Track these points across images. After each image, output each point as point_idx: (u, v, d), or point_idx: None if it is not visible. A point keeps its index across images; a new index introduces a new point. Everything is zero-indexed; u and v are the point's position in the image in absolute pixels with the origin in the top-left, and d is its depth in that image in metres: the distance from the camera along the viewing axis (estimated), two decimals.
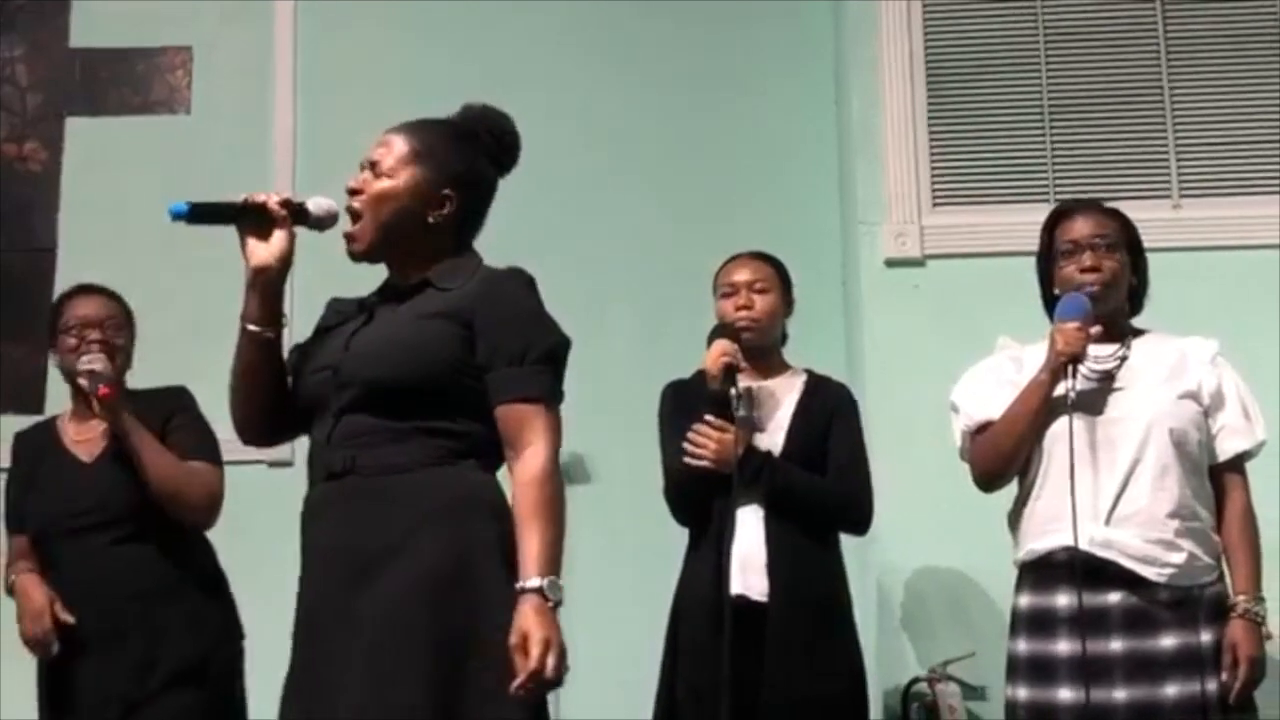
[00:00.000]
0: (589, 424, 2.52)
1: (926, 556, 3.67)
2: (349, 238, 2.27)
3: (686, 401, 3.09)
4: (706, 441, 2.98)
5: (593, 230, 4.25)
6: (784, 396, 3.12)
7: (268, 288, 2.20)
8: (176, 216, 2.13)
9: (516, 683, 1.99)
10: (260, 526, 3.03)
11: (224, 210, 2.19)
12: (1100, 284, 2.78)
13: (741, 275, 3.16)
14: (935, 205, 3.98)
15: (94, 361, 2.90)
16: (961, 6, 4.08)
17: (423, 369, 2.15)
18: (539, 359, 2.18)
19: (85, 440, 3.02)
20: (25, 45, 4.48)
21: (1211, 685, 2.62)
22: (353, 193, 2.26)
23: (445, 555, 2.08)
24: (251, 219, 2.19)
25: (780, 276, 3.20)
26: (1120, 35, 4.03)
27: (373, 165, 2.27)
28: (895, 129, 4.00)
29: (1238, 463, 2.79)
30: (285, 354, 2.30)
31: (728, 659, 2.74)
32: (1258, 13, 4.00)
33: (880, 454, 3.23)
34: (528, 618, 2.01)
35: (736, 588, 2.89)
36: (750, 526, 2.97)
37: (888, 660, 3.56)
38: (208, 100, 4.42)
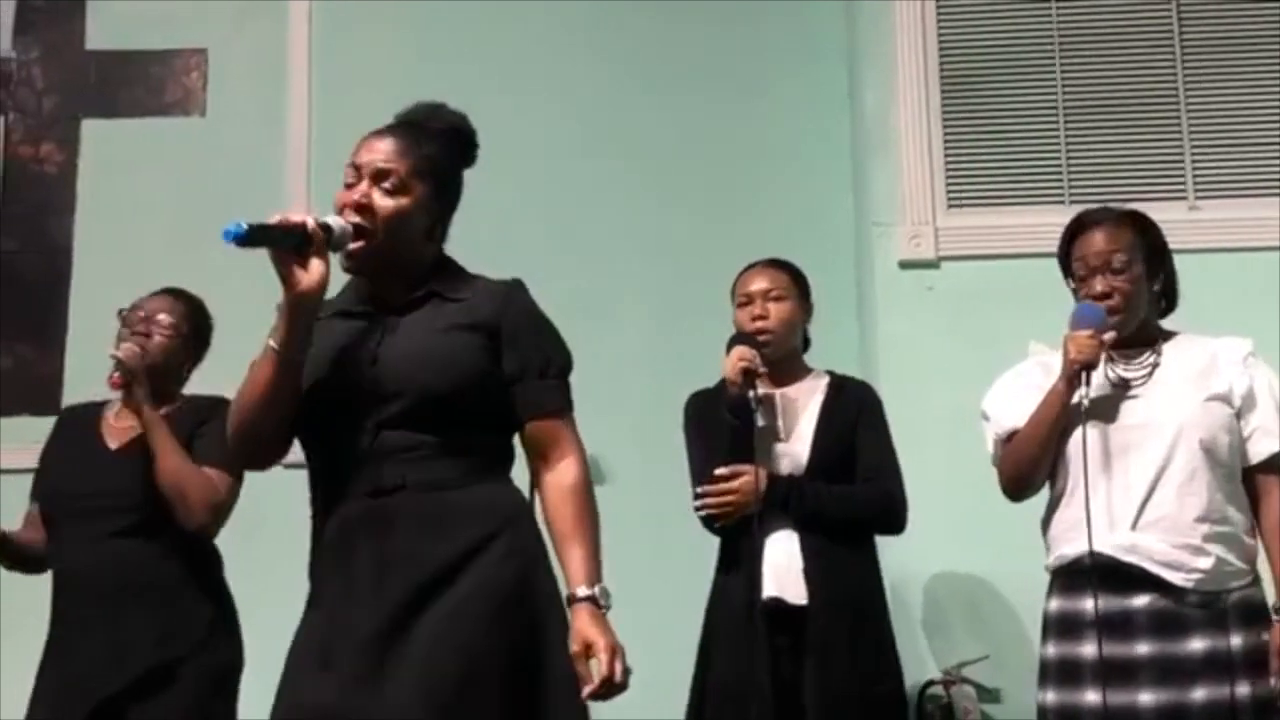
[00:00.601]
0: (602, 424, 2.51)
1: (939, 558, 3.66)
2: (351, 254, 2.16)
3: (710, 413, 3.07)
4: (726, 499, 2.96)
5: (604, 231, 4.25)
6: (806, 403, 3.11)
7: (309, 314, 2.11)
8: (233, 238, 2.01)
9: (589, 689, 2.02)
10: (274, 527, 3.03)
11: (274, 234, 2.08)
12: (1114, 310, 2.74)
13: (757, 284, 3.15)
14: (950, 206, 3.98)
15: (121, 350, 2.92)
16: (976, 7, 4.08)
17: (465, 381, 2.13)
18: (558, 373, 2.21)
19: (119, 428, 3.03)
20: (41, 47, 4.50)
21: (1241, 689, 2.59)
22: (359, 208, 2.15)
23: (508, 572, 2.09)
24: (297, 242, 2.08)
25: (796, 283, 3.18)
26: (1135, 36, 4.03)
27: (376, 176, 2.17)
28: (910, 130, 4.00)
29: (1273, 464, 2.74)
30: None
31: (766, 664, 2.80)
32: (1273, 13, 3.99)
33: None
34: (588, 626, 2.05)
35: (770, 591, 2.90)
36: (783, 541, 2.97)
37: (903, 662, 3.55)
38: (223, 102, 4.43)
